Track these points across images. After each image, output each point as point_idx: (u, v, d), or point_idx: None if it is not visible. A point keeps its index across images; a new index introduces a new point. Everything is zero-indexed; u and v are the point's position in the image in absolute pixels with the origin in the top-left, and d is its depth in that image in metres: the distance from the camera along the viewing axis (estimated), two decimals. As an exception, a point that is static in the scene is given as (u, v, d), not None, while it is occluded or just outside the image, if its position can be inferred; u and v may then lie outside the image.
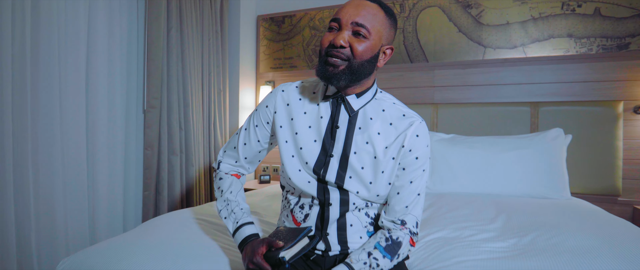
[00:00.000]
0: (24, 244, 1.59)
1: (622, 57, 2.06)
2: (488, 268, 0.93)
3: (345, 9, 0.84)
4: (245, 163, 1.06)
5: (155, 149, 2.10)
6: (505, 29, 2.28)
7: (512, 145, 1.92)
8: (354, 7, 0.83)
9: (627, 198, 2.05)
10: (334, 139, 0.92)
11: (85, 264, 1.02)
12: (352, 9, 0.83)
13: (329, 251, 0.91)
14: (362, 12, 0.83)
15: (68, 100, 1.75)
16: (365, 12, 0.83)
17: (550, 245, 1.07)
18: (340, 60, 0.83)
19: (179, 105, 2.22)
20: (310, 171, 0.92)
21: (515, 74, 2.26)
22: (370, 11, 0.83)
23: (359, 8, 0.83)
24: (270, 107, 0.99)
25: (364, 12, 0.83)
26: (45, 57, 1.65)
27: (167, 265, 0.97)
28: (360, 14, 0.82)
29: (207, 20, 2.44)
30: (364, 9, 0.83)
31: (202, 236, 1.17)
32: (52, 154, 1.67)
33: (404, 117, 0.92)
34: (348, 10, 0.84)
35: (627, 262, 0.93)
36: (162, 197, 2.14)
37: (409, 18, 2.51)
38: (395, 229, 0.86)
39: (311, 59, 2.79)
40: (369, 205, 0.92)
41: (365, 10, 0.83)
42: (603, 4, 2.09)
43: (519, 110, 2.21)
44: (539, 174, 1.84)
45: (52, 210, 1.68)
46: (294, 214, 0.96)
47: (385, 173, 0.89)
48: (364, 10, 0.83)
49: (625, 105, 2.05)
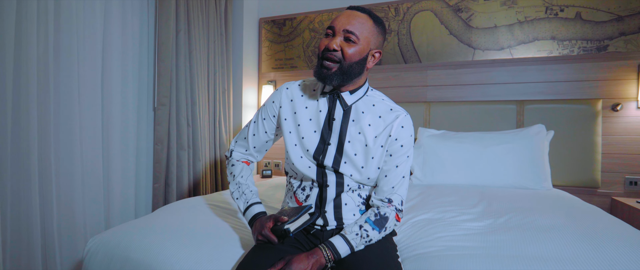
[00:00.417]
0: (47, 230, 1.72)
1: (601, 58, 2.21)
2: (462, 241, 1.08)
3: (339, 18, 0.99)
4: (254, 151, 1.20)
5: (164, 144, 2.24)
6: (493, 32, 2.43)
7: (497, 140, 2.07)
8: (346, 17, 0.98)
9: (605, 190, 2.20)
10: (331, 129, 1.07)
11: (113, 241, 1.17)
12: (344, 18, 0.98)
13: (327, 226, 1.05)
14: (353, 21, 0.97)
15: (86, 99, 1.89)
16: (355, 21, 0.97)
17: (521, 224, 1.21)
18: (333, 62, 0.97)
19: (186, 104, 2.36)
20: (310, 157, 1.06)
21: (503, 74, 2.40)
22: (360, 20, 0.98)
23: (350, 18, 0.98)
24: (276, 102, 1.14)
25: (354, 21, 0.97)
26: (65, 59, 1.78)
27: (185, 241, 1.11)
28: (351, 22, 0.97)
29: (212, 22, 2.59)
30: (355, 19, 0.98)
31: (215, 218, 1.31)
32: (72, 149, 1.81)
33: (391, 111, 1.07)
34: (341, 19, 0.99)
35: (584, 236, 1.08)
36: (171, 189, 2.28)
37: (403, 21, 2.65)
38: (383, 206, 1.01)
39: (311, 60, 2.93)
40: (361, 187, 1.07)
41: (356, 19, 0.98)
42: (583, 8, 2.24)
43: (505, 108, 2.36)
44: (522, 166, 1.99)
45: (72, 200, 1.82)
46: (297, 195, 1.10)
47: (374, 159, 1.04)
48: (354, 19, 0.98)
49: (604, 103, 2.20)
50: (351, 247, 0.93)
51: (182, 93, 2.31)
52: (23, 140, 1.61)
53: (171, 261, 1.04)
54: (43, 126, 1.70)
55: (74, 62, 1.81)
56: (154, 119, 2.25)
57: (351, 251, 0.93)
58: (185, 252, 1.06)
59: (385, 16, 2.70)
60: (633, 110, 2.15)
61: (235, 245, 1.12)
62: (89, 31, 1.90)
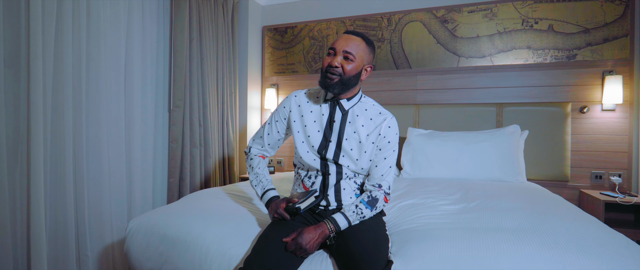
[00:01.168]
0: (80, 218, 1.94)
1: (570, 65, 2.48)
2: (438, 219, 1.33)
3: (339, 41, 1.24)
4: (268, 148, 1.45)
5: (179, 142, 2.48)
6: (476, 41, 2.69)
7: (478, 139, 2.33)
8: (345, 40, 1.23)
9: (574, 183, 2.47)
10: (332, 129, 1.32)
11: (151, 221, 1.41)
12: (343, 41, 1.23)
13: (329, 206, 1.30)
14: (350, 43, 1.22)
15: (112, 102, 2.12)
16: (352, 43, 1.22)
17: (488, 206, 1.47)
18: (335, 75, 1.22)
19: (198, 106, 2.60)
20: (315, 152, 1.31)
21: (484, 79, 2.67)
22: (355, 42, 1.23)
23: (348, 41, 1.23)
24: (287, 107, 1.39)
25: (351, 43, 1.22)
26: (94, 67, 2.01)
27: (211, 221, 1.36)
28: (349, 44, 1.22)
29: (221, 31, 2.83)
30: (352, 41, 1.23)
31: (234, 204, 1.56)
32: (100, 147, 2.04)
33: (380, 114, 1.32)
34: (340, 42, 1.24)
35: (537, 214, 1.33)
36: (185, 184, 2.51)
37: (395, 30, 2.91)
38: (374, 190, 1.26)
39: (310, 65, 3.18)
40: (356, 176, 1.32)
41: (352, 42, 1.23)
42: (555, 21, 2.50)
43: (486, 110, 2.62)
44: (498, 162, 2.24)
45: (100, 192, 2.05)
46: (304, 183, 1.35)
47: (367, 153, 1.29)
48: (351, 42, 1.23)
49: (573, 106, 2.47)
50: (349, 222, 1.18)
51: (195, 96, 2.55)
52: (59, 140, 1.84)
53: (202, 236, 1.28)
54: (77, 127, 1.93)
55: (102, 69, 2.04)
56: (170, 119, 2.49)
57: (349, 225, 1.18)
58: (213, 229, 1.30)
59: (378, 26, 2.96)
60: (598, 112, 2.42)
61: (253, 224, 1.36)
62: (114, 41, 2.12)
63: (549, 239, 1.07)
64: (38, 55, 1.68)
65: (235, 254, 1.21)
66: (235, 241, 1.25)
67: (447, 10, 2.76)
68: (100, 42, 2.03)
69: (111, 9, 2.09)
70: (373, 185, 1.27)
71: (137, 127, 2.29)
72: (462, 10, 2.72)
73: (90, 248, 2.00)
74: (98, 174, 2.04)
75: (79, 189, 1.94)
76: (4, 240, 1.62)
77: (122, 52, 2.18)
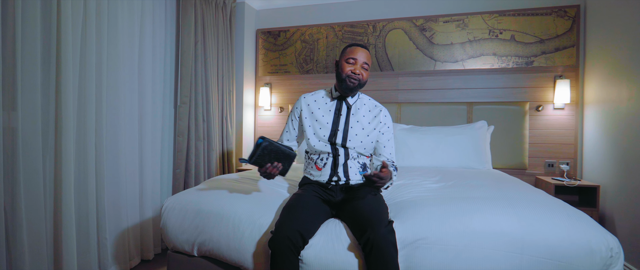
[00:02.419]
0: (99, 204, 2.13)
1: (528, 70, 2.90)
2: (424, 193, 1.66)
3: (359, 53, 1.54)
4: (287, 143, 1.73)
5: (185, 136, 2.69)
6: (450, 48, 3.07)
7: (451, 133, 2.70)
8: (363, 53, 1.55)
9: (531, 171, 2.89)
10: (339, 121, 1.62)
11: (185, 199, 1.65)
12: (362, 54, 1.55)
13: (340, 181, 1.60)
14: (367, 56, 1.56)
15: (127, 99, 2.30)
16: (368, 56, 1.56)
17: (463, 184, 1.81)
18: (356, 80, 1.54)
19: (202, 102, 2.82)
20: (325, 140, 1.61)
21: (457, 81, 3.05)
22: (368, 55, 1.56)
23: (365, 54, 1.55)
24: (298, 108, 1.69)
25: (367, 56, 1.56)
26: (113, 67, 2.20)
27: (239, 198, 1.62)
28: (367, 57, 1.55)
29: (221, 34, 3.06)
30: (367, 54, 1.56)
31: (251, 185, 1.82)
32: (117, 141, 2.22)
33: (376, 107, 1.66)
34: (360, 54, 1.54)
35: (499, 188, 1.69)
36: (190, 175, 2.73)
37: (379, 36, 3.24)
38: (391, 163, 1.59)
39: (302, 67, 3.46)
40: (359, 156, 1.63)
41: (367, 54, 1.56)
42: (516, 32, 2.92)
43: (459, 108, 3.00)
44: (469, 152, 2.62)
45: (117, 182, 2.24)
46: (317, 164, 1.64)
47: (369, 136, 1.60)
48: (366, 54, 1.56)
49: (530, 105, 2.89)
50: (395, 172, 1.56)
51: (199, 93, 2.77)
52: (82, 133, 2.01)
53: (234, 209, 1.54)
54: (98, 122, 2.10)
55: (120, 69, 2.23)
56: (177, 115, 2.69)
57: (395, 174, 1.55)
58: (242, 203, 1.57)
59: (364, 32, 3.28)
60: (551, 110, 2.86)
61: (275, 199, 1.65)
62: (129, 42, 2.31)
63: (509, 202, 1.42)
64: (68, 57, 1.86)
65: (264, 222, 1.49)
66: (263, 212, 1.52)
67: (425, 19, 3.12)
68: (118, 43, 2.22)
69: (128, 12, 2.29)
70: (387, 160, 1.61)
71: (148, 122, 2.49)
72: (438, 20, 3.09)
73: (108, 231, 2.18)
74: (115, 166, 2.23)
75: (100, 179, 2.12)
76: (38, 225, 1.79)
77: (136, 53, 2.37)
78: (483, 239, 1.25)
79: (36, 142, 1.77)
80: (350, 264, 1.32)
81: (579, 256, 1.18)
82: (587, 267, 1.17)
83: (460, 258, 1.25)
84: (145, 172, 2.48)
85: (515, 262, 1.21)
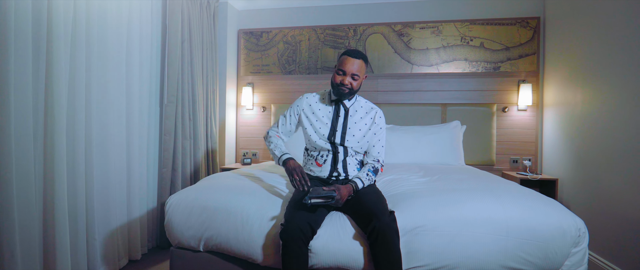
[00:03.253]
0: (89, 206, 2.09)
1: (496, 75, 3.18)
2: (415, 186, 1.82)
3: (348, 65, 1.63)
4: (282, 135, 1.82)
5: (172, 135, 2.68)
6: (426, 53, 3.28)
7: (430, 132, 2.90)
8: (352, 64, 1.63)
9: (498, 166, 3.17)
10: (337, 122, 1.73)
11: (190, 196, 1.69)
12: (350, 65, 1.63)
13: (340, 176, 1.72)
14: (356, 66, 1.63)
15: (115, 98, 2.27)
16: (358, 66, 1.64)
17: (446, 178, 2.00)
18: (346, 88, 1.64)
19: (189, 101, 2.82)
20: (325, 139, 1.72)
21: (432, 84, 3.27)
22: (359, 64, 1.64)
23: (355, 65, 1.63)
24: (299, 106, 1.78)
25: (357, 67, 1.64)
26: (101, 66, 2.16)
27: (245, 194, 1.68)
28: (356, 67, 1.63)
29: (205, 33, 3.07)
30: (358, 65, 1.64)
31: (252, 182, 1.89)
32: (106, 141, 2.19)
33: (372, 109, 1.78)
34: (349, 66, 1.63)
35: (481, 181, 1.88)
36: (177, 174, 2.72)
37: (360, 40, 3.39)
38: (375, 163, 1.70)
39: (284, 67, 3.54)
40: (356, 154, 1.75)
41: (358, 65, 1.64)
42: (485, 40, 3.19)
43: (434, 109, 3.22)
44: (444, 150, 2.84)
45: (107, 182, 2.21)
46: (317, 160, 1.75)
47: (365, 137, 1.73)
48: (358, 66, 1.64)
49: (497, 106, 3.17)
50: (363, 184, 1.62)
51: (186, 92, 2.77)
52: (71, 134, 1.95)
53: (241, 204, 1.61)
54: (88, 122, 2.07)
55: (109, 68, 2.20)
56: (163, 113, 2.67)
57: (363, 186, 1.61)
58: (249, 199, 1.64)
59: (346, 35, 3.42)
60: (515, 111, 3.15)
61: (279, 194, 1.72)
62: (118, 41, 2.28)
63: (492, 193, 1.60)
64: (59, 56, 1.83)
65: (271, 215, 1.57)
66: (270, 206, 1.60)
67: (403, 25, 3.31)
68: (108, 42, 2.19)
69: (117, 11, 2.26)
70: (373, 160, 1.72)
71: (136, 121, 2.46)
72: (415, 26, 3.30)
73: (97, 232, 2.15)
74: (105, 165, 2.20)
75: (89, 179, 2.08)
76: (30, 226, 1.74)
77: (124, 51, 2.34)
78: (473, 225, 1.42)
79: (27, 142, 1.73)
80: (355, 252, 1.44)
81: (554, 236, 1.38)
82: (560, 246, 1.37)
83: (455, 242, 1.40)
84: (132, 171, 2.45)
85: (501, 244, 1.39)
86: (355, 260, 1.45)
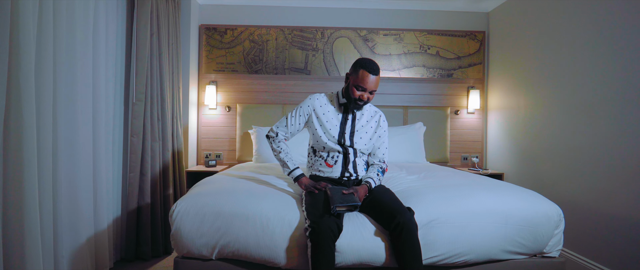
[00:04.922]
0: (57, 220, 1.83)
1: (449, 81, 3.53)
2: (411, 184, 1.97)
3: (369, 83, 1.68)
4: (289, 135, 1.83)
5: (140, 136, 2.46)
6: (389, 58, 3.50)
7: (397, 132, 3.11)
8: (372, 82, 1.68)
9: (452, 163, 3.53)
10: (346, 125, 1.80)
11: (200, 202, 1.60)
12: (372, 83, 1.69)
13: (351, 177, 1.78)
14: (375, 85, 1.70)
15: (82, 98, 2.01)
16: (376, 82, 1.71)
17: (433, 176, 2.19)
18: (363, 103, 1.72)
19: (157, 100, 2.61)
20: (335, 140, 1.77)
21: (394, 88, 3.50)
22: (378, 81, 1.72)
23: (375, 81, 1.70)
24: (310, 106, 1.80)
25: (376, 83, 1.71)
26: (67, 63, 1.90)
27: (260, 197, 1.65)
28: (374, 85, 1.70)
29: (171, 28, 2.86)
30: (376, 81, 1.71)
31: (246, 182, 1.85)
32: (74, 144, 1.94)
33: (376, 112, 1.88)
34: (370, 84, 1.68)
35: (465, 178, 2.11)
36: (146, 179, 2.50)
37: (327, 43, 3.48)
38: (382, 164, 1.80)
39: (250, 66, 3.46)
40: (363, 155, 1.84)
41: (376, 81, 1.71)
42: (441, 49, 3.52)
43: (396, 111, 3.46)
44: (412, 149, 3.08)
45: (74, 192, 1.95)
46: (327, 161, 1.79)
47: (371, 139, 1.82)
48: (376, 82, 1.70)
49: (451, 109, 3.52)
50: (376, 184, 1.72)
51: (155, 90, 2.56)
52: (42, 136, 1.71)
53: (259, 208, 1.57)
54: (55, 125, 1.81)
55: (77, 66, 1.95)
56: (131, 113, 2.43)
57: (375, 186, 1.71)
58: (266, 202, 1.61)
59: (313, 37, 3.47)
60: (465, 114, 3.54)
61: (289, 196, 1.72)
62: (84, 35, 2.02)
63: (485, 187, 1.82)
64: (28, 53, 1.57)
65: (292, 218, 1.57)
66: (288, 209, 1.60)
67: (368, 31, 3.49)
68: (76, 36, 1.93)
69: (83, 5, 2.00)
70: (379, 161, 1.82)
71: (102, 123, 2.21)
72: (379, 32, 3.49)
73: (64, 248, 1.90)
74: (72, 174, 1.96)
75: (56, 190, 1.83)
76: None
77: (90, 46, 2.08)
78: (480, 216, 1.60)
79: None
80: (378, 247, 1.52)
81: (541, 221, 1.63)
82: (546, 228, 1.63)
83: (465, 232, 1.57)
84: (98, 178, 2.20)
85: (502, 230, 1.60)
86: (377, 256, 1.53)
